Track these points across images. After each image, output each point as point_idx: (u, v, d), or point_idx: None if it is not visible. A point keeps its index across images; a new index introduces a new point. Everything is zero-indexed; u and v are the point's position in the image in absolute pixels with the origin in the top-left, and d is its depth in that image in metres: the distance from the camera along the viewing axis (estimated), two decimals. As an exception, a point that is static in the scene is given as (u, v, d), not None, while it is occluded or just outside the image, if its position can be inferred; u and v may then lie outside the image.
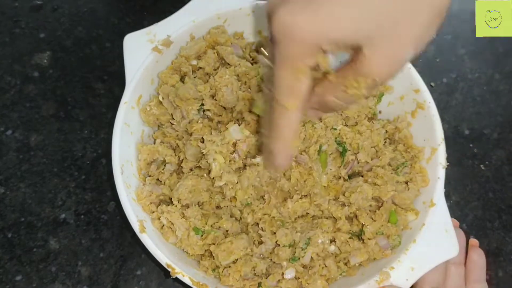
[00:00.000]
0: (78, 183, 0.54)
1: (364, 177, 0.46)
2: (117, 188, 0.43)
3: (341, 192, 0.45)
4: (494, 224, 0.55)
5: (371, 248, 0.43)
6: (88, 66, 0.61)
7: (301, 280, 0.43)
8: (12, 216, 0.52)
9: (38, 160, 0.55)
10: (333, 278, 0.44)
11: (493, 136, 0.59)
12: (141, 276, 0.50)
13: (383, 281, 0.41)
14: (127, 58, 0.47)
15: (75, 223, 0.52)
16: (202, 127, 0.45)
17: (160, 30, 0.48)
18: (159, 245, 0.42)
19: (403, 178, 0.46)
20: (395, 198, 0.45)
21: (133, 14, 0.65)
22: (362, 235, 0.44)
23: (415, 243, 0.42)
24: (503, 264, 0.53)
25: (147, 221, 0.43)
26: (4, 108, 0.58)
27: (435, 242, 0.43)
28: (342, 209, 0.45)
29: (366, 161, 0.47)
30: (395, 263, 0.42)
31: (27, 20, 0.64)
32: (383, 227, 0.44)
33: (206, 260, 0.44)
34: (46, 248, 0.51)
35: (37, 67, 0.61)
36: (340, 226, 0.44)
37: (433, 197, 0.44)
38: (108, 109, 0.58)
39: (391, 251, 0.44)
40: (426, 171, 0.46)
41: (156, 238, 0.43)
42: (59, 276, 0.49)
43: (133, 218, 0.42)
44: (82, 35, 0.63)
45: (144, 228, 0.41)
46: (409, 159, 0.48)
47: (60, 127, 0.57)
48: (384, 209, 0.44)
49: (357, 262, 0.44)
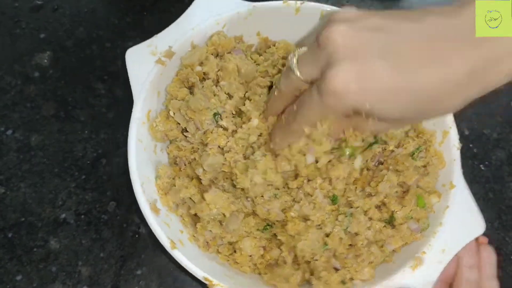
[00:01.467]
0: (79, 183, 0.54)
1: (384, 164, 0.46)
2: (143, 209, 0.42)
3: (367, 183, 0.45)
4: (494, 224, 0.55)
5: (404, 233, 0.44)
6: (89, 66, 0.61)
7: (348, 269, 0.43)
8: (13, 216, 0.52)
9: (38, 160, 0.55)
10: (375, 265, 0.44)
11: (493, 136, 0.59)
12: (141, 276, 0.50)
13: (417, 266, 0.42)
14: (131, 72, 0.47)
15: (75, 223, 0.52)
16: (217, 136, 0.44)
17: (161, 41, 0.48)
18: (192, 259, 0.42)
19: (420, 162, 0.46)
20: (419, 181, 0.45)
21: (133, 14, 0.65)
22: (393, 222, 0.45)
23: (442, 226, 0.43)
24: (503, 264, 0.53)
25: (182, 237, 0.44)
26: (5, 109, 0.58)
27: (461, 222, 0.43)
28: (370, 199, 0.44)
29: (391, 150, 0.46)
30: (426, 248, 0.43)
31: (27, 20, 0.64)
32: (412, 211, 0.44)
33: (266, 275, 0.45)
34: (47, 248, 0.51)
35: (38, 68, 0.61)
36: (371, 216, 0.44)
37: (452, 179, 0.45)
38: (108, 109, 0.58)
39: (421, 234, 0.44)
40: (442, 153, 0.47)
41: (189, 253, 0.43)
42: (59, 276, 0.49)
43: (164, 238, 0.42)
44: (83, 35, 0.63)
45: (175, 244, 0.41)
46: (422, 143, 0.48)
47: (61, 127, 0.57)
48: (411, 193, 0.45)
49: (392, 249, 0.44)
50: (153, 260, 0.50)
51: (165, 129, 0.47)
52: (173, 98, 0.47)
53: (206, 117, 0.44)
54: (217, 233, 0.44)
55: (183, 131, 0.47)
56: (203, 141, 0.45)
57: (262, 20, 0.51)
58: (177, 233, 0.44)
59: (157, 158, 0.48)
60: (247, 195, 0.43)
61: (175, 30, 0.48)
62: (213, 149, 0.44)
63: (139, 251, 0.51)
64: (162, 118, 0.47)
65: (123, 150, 0.56)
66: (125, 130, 0.57)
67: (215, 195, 0.44)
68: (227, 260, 0.46)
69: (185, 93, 0.47)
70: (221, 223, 0.45)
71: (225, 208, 0.44)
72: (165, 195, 0.45)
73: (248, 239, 0.45)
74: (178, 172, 0.47)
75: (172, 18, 0.49)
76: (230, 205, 0.44)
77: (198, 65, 0.48)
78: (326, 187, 0.43)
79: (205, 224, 0.44)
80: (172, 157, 0.48)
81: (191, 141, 0.46)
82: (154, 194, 0.45)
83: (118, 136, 0.57)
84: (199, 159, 0.45)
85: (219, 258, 0.45)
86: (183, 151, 0.47)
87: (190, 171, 0.47)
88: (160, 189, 0.45)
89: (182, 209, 0.46)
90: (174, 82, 0.48)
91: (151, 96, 0.47)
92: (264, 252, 0.45)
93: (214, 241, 0.45)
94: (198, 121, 0.45)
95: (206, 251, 0.45)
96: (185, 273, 0.50)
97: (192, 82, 0.47)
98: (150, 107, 0.47)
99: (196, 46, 0.49)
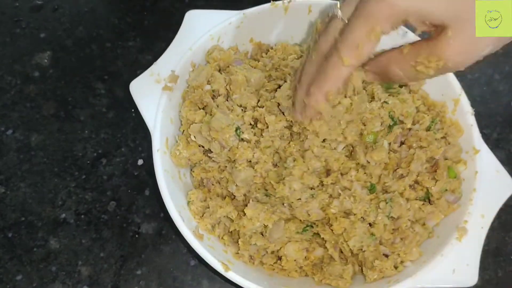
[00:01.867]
0: (79, 183, 0.54)
1: (406, 143, 0.46)
2: (189, 239, 0.42)
3: (397, 165, 0.46)
4: (494, 224, 0.55)
5: (442, 206, 0.44)
6: (89, 66, 0.61)
7: (398, 252, 0.43)
8: (13, 216, 0.52)
9: (38, 160, 0.55)
10: (420, 243, 0.45)
11: (493, 136, 0.59)
12: (141, 276, 0.50)
13: (462, 236, 0.42)
14: (140, 104, 0.46)
15: (75, 223, 0.52)
16: (243, 150, 0.44)
17: (161, 67, 0.48)
18: (246, 276, 0.41)
19: (439, 134, 0.47)
20: (446, 153, 0.46)
21: (133, 14, 0.65)
22: (430, 197, 0.45)
23: (476, 191, 0.44)
24: (503, 264, 0.53)
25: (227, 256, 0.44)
26: (5, 108, 0.58)
27: (492, 184, 0.44)
28: (403, 181, 0.45)
29: (409, 129, 0.47)
30: (466, 216, 0.43)
31: (27, 20, 0.64)
32: (445, 184, 0.45)
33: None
34: (47, 247, 0.51)
35: (38, 67, 0.61)
36: (408, 196, 0.44)
37: (474, 144, 0.46)
38: (108, 109, 0.58)
39: (457, 204, 0.45)
40: (457, 121, 0.47)
41: (241, 271, 0.42)
42: (59, 275, 0.49)
43: (215, 262, 0.41)
44: (83, 35, 0.63)
45: (228, 266, 0.41)
46: (435, 116, 0.48)
47: (61, 127, 0.57)
48: (441, 167, 0.45)
49: (433, 224, 0.45)
50: (153, 260, 0.50)
51: (189, 155, 0.47)
52: (190, 121, 0.47)
53: (229, 134, 0.44)
54: (261, 245, 0.44)
55: (206, 153, 0.47)
56: (230, 158, 0.45)
57: (253, 26, 0.52)
58: (223, 254, 0.44)
59: (183, 183, 0.48)
60: (284, 201, 0.43)
61: (173, 54, 0.49)
62: (243, 164, 0.44)
63: (139, 251, 0.51)
64: (184, 144, 0.47)
65: (123, 150, 0.56)
66: (125, 130, 0.57)
67: (255, 209, 0.44)
68: (273, 269, 0.46)
69: (202, 115, 0.47)
70: (262, 234, 0.45)
71: (267, 219, 0.44)
72: (201, 218, 0.45)
73: (291, 244, 0.45)
74: (207, 193, 0.47)
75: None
76: (271, 215, 0.44)
77: (207, 84, 0.48)
78: (362, 178, 0.43)
79: (248, 239, 0.44)
80: (198, 179, 0.48)
81: (217, 160, 0.46)
82: (192, 221, 0.45)
83: (118, 136, 0.57)
84: (230, 177, 0.45)
85: (264, 269, 0.45)
86: (210, 172, 0.47)
87: (220, 190, 0.47)
88: (195, 214, 0.45)
89: (219, 229, 0.46)
90: (186, 106, 0.48)
91: (166, 124, 0.47)
92: (307, 254, 0.45)
93: (258, 253, 0.45)
94: (222, 139, 0.44)
95: (252, 265, 0.45)
96: (185, 273, 0.50)
97: (206, 102, 0.47)
98: (166, 135, 0.47)
99: (200, 66, 0.49)
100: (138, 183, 0.54)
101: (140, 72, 0.48)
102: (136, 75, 0.48)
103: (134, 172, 0.55)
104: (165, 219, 0.52)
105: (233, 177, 0.45)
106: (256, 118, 0.45)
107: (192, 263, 0.50)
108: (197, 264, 0.50)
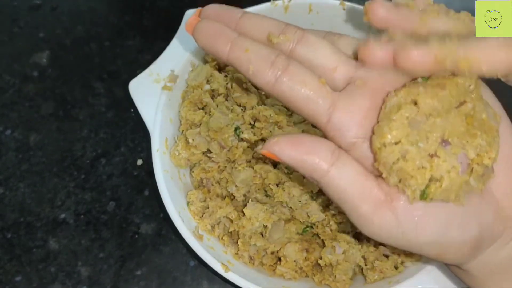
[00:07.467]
0: (78, 183, 0.54)
1: None
2: (188, 240, 0.42)
3: None
4: (494, 223, 0.55)
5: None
6: (88, 65, 0.61)
7: (398, 253, 0.43)
8: (12, 216, 0.52)
9: (37, 160, 0.55)
10: None
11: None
12: (141, 276, 0.50)
13: None
14: (139, 104, 0.46)
15: (74, 223, 0.52)
16: (243, 150, 0.44)
17: (160, 67, 0.47)
18: (246, 277, 0.41)
19: None
20: None
21: (132, 13, 0.65)
22: None
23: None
24: (502, 264, 0.53)
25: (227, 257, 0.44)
26: (3, 108, 0.58)
27: None
28: None
29: None
30: None
31: (26, 19, 0.63)
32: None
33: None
34: (46, 248, 0.51)
35: (36, 66, 0.60)
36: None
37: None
38: (108, 109, 0.58)
39: None
40: None
41: (241, 271, 0.42)
42: (58, 276, 0.49)
43: (215, 263, 0.41)
44: (81, 34, 0.63)
45: (227, 266, 0.41)
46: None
47: (60, 126, 0.57)
48: None
49: None
50: (153, 260, 0.50)
51: (188, 155, 0.46)
52: (189, 121, 0.47)
53: (228, 134, 0.44)
54: (261, 245, 0.44)
55: (206, 153, 0.47)
56: (230, 158, 0.45)
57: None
58: (223, 255, 0.44)
59: (183, 184, 0.47)
60: (284, 203, 0.43)
61: (173, 52, 0.48)
62: (242, 164, 0.44)
63: (139, 251, 0.51)
64: (183, 145, 0.46)
65: (122, 150, 0.56)
66: (124, 130, 0.57)
67: (254, 209, 0.43)
68: (273, 269, 0.45)
69: (202, 115, 0.46)
70: (262, 235, 0.45)
71: (267, 220, 0.43)
72: (200, 219, 0.45)
73: (290, 244, 0.44)
74: (207, 194, 0.47)
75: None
76: (271, 215, 0.44)
77: (207, 83, 0.48)
78: None
79: (247, 240, 0.44)
80: (197, 180, 0.48)
81: (217, 160, 0.46)
82: (191, 221, 0.44)
83: (117, 135, 0.57)
84: (230, 177, 0.45)
85: (265, 270, 0.45)
86: (210, 172, 0.47)
87: (220, 191, 0.47)
88: (195, 214, 0.45)
89: (219, 229, 0.46)
90: (186, 106, 0.47)
91: (165, 124, 0.46)
92: (307, 254, 0.45)
93: (258, 254, 0.45)
94: (221, 140, 0.44)
95: (252, 266, 0.45)
96: (185, 273, 0.50)
97: (206, 102, 0.47)
98: (166, 135, 0.46)
99: (199, 65, 0.49)
100: (137, 183, 0.54)
101: (139, 72, 0.48)
102: (135, 74, 0.47)
103: (133, 172, 0.55)
104: (164, 219, 0.52)
105: (232, 177, 0.45)
106: (255, 117, 0.45)
107: (191, 264, 0.50)
108: (197, 265, 0.50)
